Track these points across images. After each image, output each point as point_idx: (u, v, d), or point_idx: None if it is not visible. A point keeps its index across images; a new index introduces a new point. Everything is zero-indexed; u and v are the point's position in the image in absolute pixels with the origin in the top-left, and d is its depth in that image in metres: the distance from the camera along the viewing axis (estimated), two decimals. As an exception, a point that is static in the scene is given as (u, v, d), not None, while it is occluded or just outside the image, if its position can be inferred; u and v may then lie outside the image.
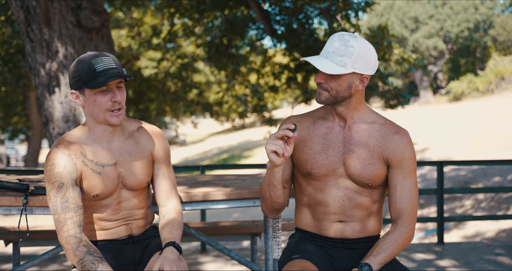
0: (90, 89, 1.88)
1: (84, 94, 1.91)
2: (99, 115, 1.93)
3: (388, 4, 32.35)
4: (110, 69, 1.88)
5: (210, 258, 4.87)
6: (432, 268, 4.35)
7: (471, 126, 16.24)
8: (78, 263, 1.85)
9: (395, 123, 2.02)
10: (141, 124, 2.11)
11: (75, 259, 1.85)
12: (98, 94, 1.89)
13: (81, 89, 1.91)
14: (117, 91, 1.92)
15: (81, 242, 1.87)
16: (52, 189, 1.90)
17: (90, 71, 1.86)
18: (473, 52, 34.21)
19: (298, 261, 1.95)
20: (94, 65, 1.86)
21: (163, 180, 2.12)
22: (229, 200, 2.45)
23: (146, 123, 2.14)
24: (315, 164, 1.96)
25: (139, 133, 2.08)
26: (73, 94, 1.94)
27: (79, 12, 5.04)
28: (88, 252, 1.85)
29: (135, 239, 2.10)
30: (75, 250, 1.85)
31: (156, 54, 14.40)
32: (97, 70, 1.86)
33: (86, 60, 1.88)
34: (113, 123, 1.93)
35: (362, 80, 1.91)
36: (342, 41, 1.86)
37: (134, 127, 2.09)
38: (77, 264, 1.85)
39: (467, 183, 9.49)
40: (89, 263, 1.82)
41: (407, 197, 1.94)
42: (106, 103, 1.90)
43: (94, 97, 1.90)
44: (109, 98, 1.90)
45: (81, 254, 1.84)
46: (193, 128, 25.58)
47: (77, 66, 1.90)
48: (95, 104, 1.90)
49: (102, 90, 1.89)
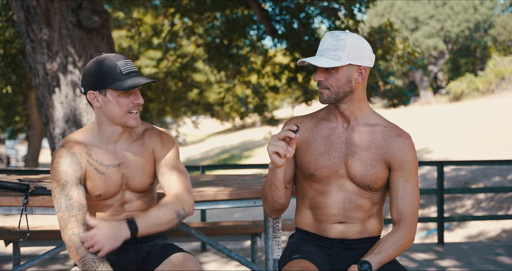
0: (114, 90, 1.89)
1: (105, 95, 1.91)
2: (117, 117, 1.93)
3: (389, 4, 32.35)
4: (135, 72, 1.92)
5: (210, 258, 4.87)
6: (433, 268, 4.35)
7: (471, 126, 16.24)
8: (79, 261, 1.85)
9: (398, 126, 2.02)
10: (149, 127, 2.12)
11: (77, 257, 1.86)
12: (121, 96, 1.91)
13: (102, 90, 1.91)
14: (138, 93, 1.95)
15: None
16: (57, 186, 1.92)
17: (116, 73, 1.88)
18: (473, 52, 34.21)
19: (298, 261, 1.95)
20: (120, 67, 1.89)
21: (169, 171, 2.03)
22: (230, 200, 2.45)
23: (155, 126, 2.14)
24: (318, 165, 1.96)
25: (146, 135, 2.08)
26: (91, 95, 1.93)
27: (79, 12, 5.04)
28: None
29: (138, 240, 2.09)
30: (78, 248, 1.86)
31: (156, 54, 14.40)
32: (123, 72, 1.89)
33: (110, 62, 1.89)
34: (132, 125, 1.95)
35: (361, 72, 1.92)
36: (333, 37, 1.90)
37: (141, 129, 2.09)
38: (79, 262, 1.86)
39: (467, 183, 9.49)
40: (90, 262, 1.83)
41: (409, 200, 1.94)
42: (127, 105, 1.92)
43: (117, 99, 1.91)
44: (131, 100, 1.92)
45: (83, 253, 1.85)
46: (194, 128, 25.60)
47: (98, 67, 1.90)
48: (116, 105, 1.91)
49: (125, 92, 1.91)
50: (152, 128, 2.12)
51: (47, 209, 2.27)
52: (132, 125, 1.95)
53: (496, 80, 24.40)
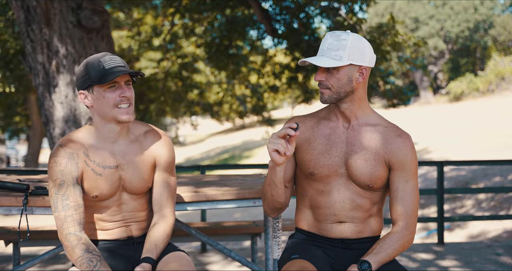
0: (99, 86, 1.91)
1: (93, 92, 1.93)
2: (107, 113, 1.94)
3: (389, 4, 32.34)
4: (119, 67, 1.92)
5: (210, 258, 4.87)
6: (433, 268, 4.35)
7: (471, 126, 16.24)
8: (76, 260, 1.85)
9: (398, 126, 2.02)
10: (148, 128, 2.11)
11: (74, 257, 1.86)
12: (107, 90, 1.92)
13: (89, 88, 1.93)
14: (126, 87, 1.95)
15: (81, 240, 1.88)
16: (54, 186, 1.92)
17: (99, 69, 1.90)
18: (473, 52, 34.20)
19: (297, 261, 1.95)
20: (102, 63, 1.91)
21: (162, 187, 2.09)
22: (230, 200, 2.45)
23: (154, 127, 2.14)
24: (318, 164, 1.96)
25: (145, 137, 2.08)
26: (82, 95, 1.96)
27: (79, 12, 5.04)
28: (87, 250, 1.85)
29: (134, 241, 2.10)
30: (74, 247, 1.86)
31: (156, 55, 14.39)
32: (106, 67, 1.90)
33: (95, 60, 1.92)
34: (123, 120, 1.94)
35: (361, 72, 1.92)
36: (334, 37, 1.91)
37: (141, 131, 2.08)
38: (76, 261, 1.86)
39: (468, 183, 9.49)
40: (88, 261, 1.83)
41: (409, 200, 1.94)
42: (114, 99, 1.92)
43: (103, 94, 1.92)
44: (118, 94, 1.93)
45: (80, 252, 1.85)
46: (193, 129, 25.58)
47: (85, 67, 1.93)
48: (103, 101, 1.92)
49: (111, 86, 1.92)
50: (153, 131, 2.11)
51: (47, 209, 2.27)
52: (123, 120, 1.94)
53: (496, 80, 24.39)
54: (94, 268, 1.81)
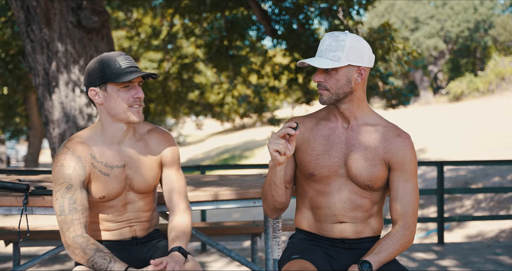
0: (114, 85, 1.91)
1: (105, 90, 1.93)
2: (119, 112, 1.94)
3: (389, 4, 32.35)
4: (134, 67, 1.94)
5: (211, 258, 4.87)
6: (433, 268, 4.35)
7: (471, 126, 16.24)
8: (88, 261, 1.85)
9: (397, 126, 2.02)
10: (150, 127, 2.12)
11: (85, 257, 1.85)
12: (121, 90, 1.92)
13: (102, 85, 1.92)
14: (139, 88, 1.96)
15: (89, 240, 1.88)
16: (60, 189, 1.90)
17: (116, 67, 1.90)
18: (473, 52, 34.20)
19: (297, 261, 1.95)
20: (119, 62, 1.91)
21: (173, 183, 2.11)
22: (230, 200, 2.45)
23: (157, 126, 2.15)
24: (318, 164, 1.96)
25: (149, 136, 2.09)
26: (92, 91, 1.95)
27: (79, 12, 5.04)
28: (97, 249, 1.85)
29: (139, 241, 2.10)
30: (85, 248, 1.85)
31: (156, 56, 14.40)
32: (123, 66, 1.91)
33: (110, 58, 1.92)
34: (134, 120, 1.95)
35: (360, 72, 1.92)
36: (332, 38, 1.90)
37: (144, 129, 2.10)
38: (88, 262, 1.85)
39: (467, 183, 9.49)
40: (101, 259, 1.83)
41: (408, 200, 1.94)
42: (128, 99, 1.93)
43: (117, 93, 1.92)
44: (132, 95, 1.94)
45: (91, 252, 1.84)
46: (196, 129, 25.59)
47: (99, 64, 1.92)
48: (117, 99, 1.92)
49: (125, 86, 1.92)
50: (156, 129, 2.12)
51: (47, 209, 2.27)
52: (134, 120, 1.95)
53: (496, 81, 24.39)
54: (109, 264, 1.82)
